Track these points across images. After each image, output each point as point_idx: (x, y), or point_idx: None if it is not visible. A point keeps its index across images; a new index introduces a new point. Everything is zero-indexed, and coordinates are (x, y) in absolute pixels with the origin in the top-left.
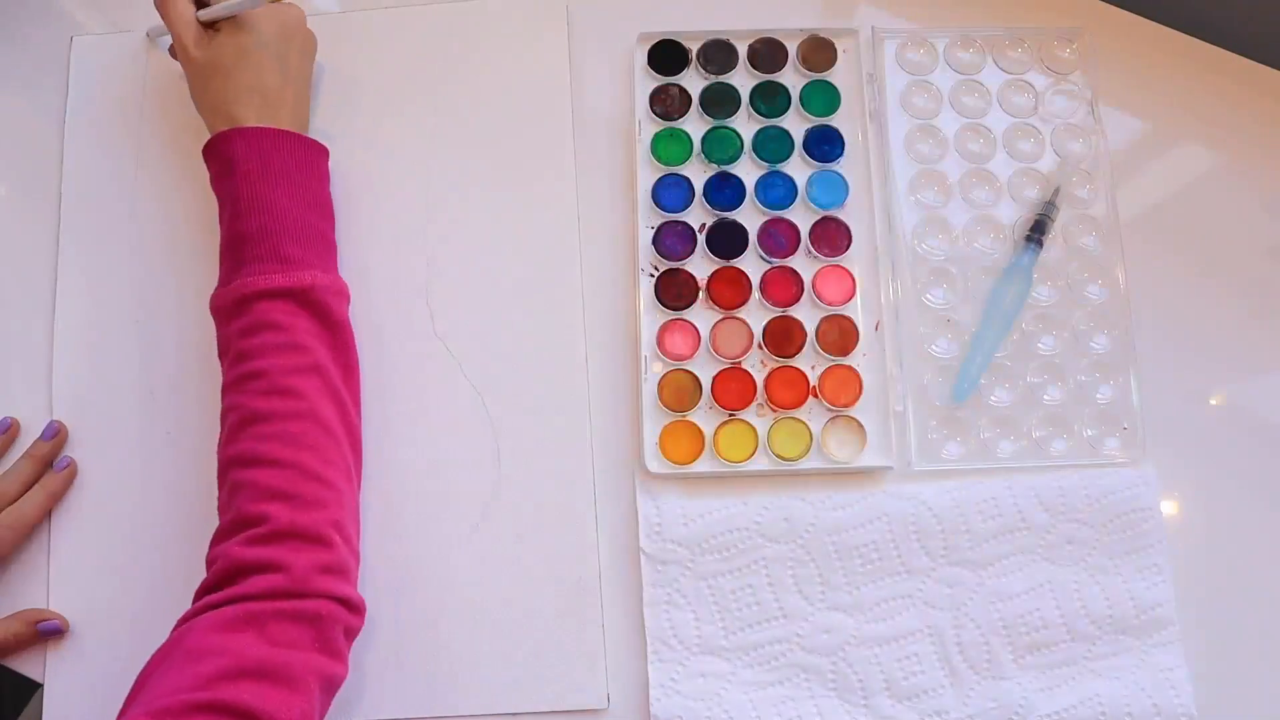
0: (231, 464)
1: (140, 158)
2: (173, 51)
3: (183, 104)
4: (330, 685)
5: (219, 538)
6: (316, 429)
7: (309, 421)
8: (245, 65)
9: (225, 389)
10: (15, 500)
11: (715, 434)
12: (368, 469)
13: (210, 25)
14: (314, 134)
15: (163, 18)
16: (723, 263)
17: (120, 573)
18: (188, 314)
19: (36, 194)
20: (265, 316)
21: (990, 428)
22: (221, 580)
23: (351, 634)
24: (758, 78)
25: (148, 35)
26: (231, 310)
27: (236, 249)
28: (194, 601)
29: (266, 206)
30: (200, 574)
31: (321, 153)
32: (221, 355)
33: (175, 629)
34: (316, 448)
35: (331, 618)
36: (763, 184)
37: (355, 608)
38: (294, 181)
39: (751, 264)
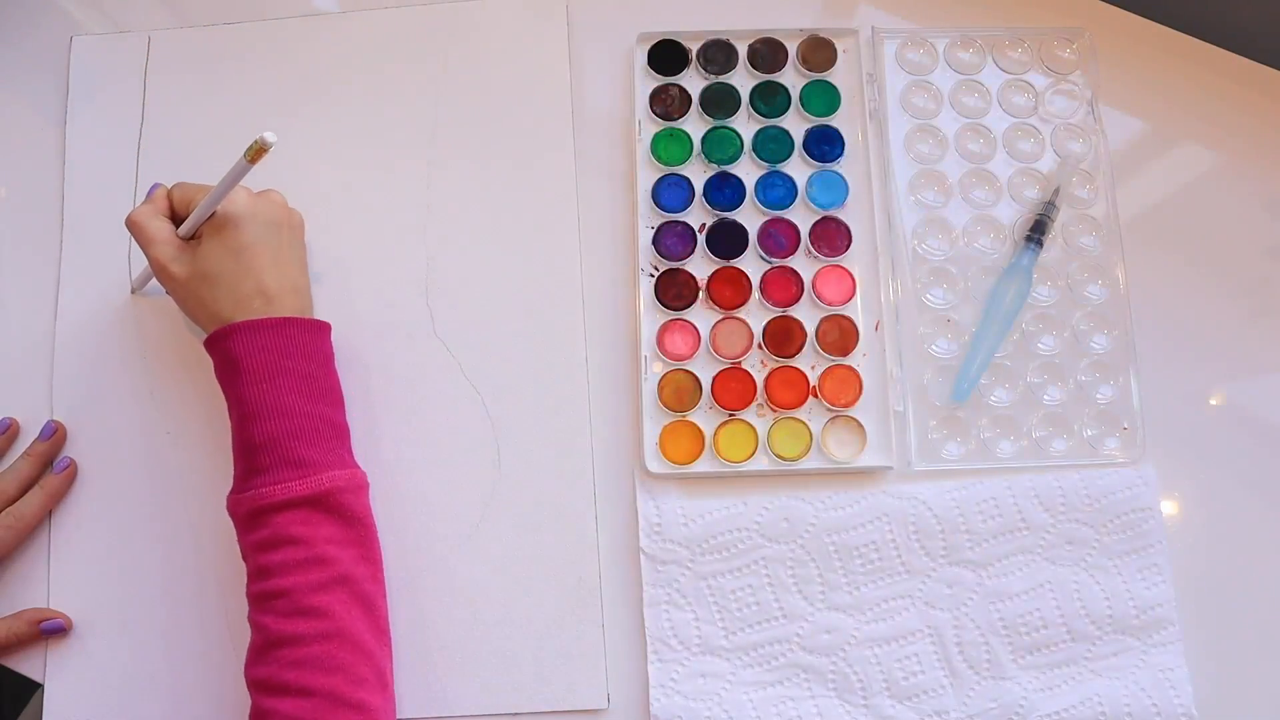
0: (259, 687)
1: (140, 157)
2: (149, 275)
3: (182, 103)
4: None
5: None
6: (346, 647)
7: (337, 642)
8: (238, 267)
9: (248, 598)
10: (15, 500)
11: (715, 434)
12: (367, 468)
13: (190, 236)
14: (309, 136)
15: (139, 241)
16: (723, 263)
17: (120, 573)
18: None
19: (36, 194)
20: (284, 530)
21: (990, 428)
22: None
23: None
24: (758, 78)
25: (132, 293)
26: (248, 521)
27: (248, 455)
28: None
29: (276, 409)
30: (200, 576)
31: (324, 331)
32: (243, 557)
33: None
34: (346, 669)
35: None
36: (763, 184)
37: None
38: (300, 374)
39: (751, 264)
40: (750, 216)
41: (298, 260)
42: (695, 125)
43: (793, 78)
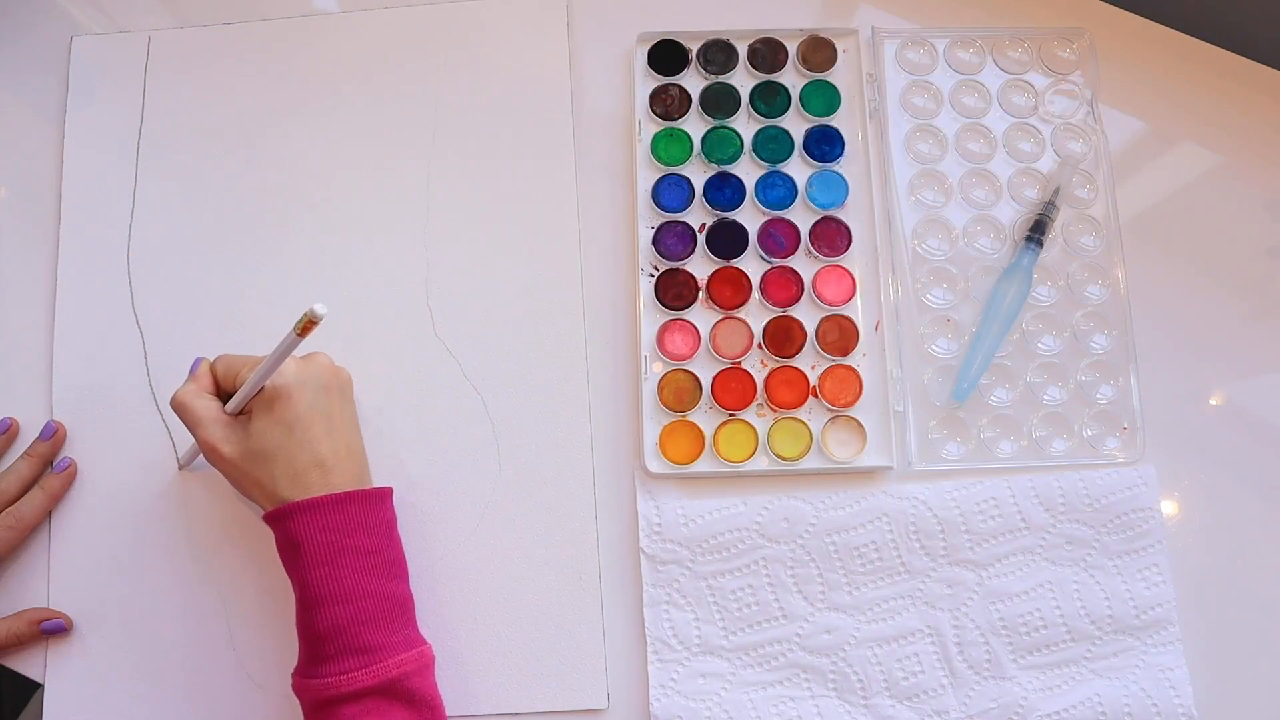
0: None
1: (140, 158)
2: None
3: (183, 104)
4: None
5: None
6: None
7: None
8: (292, 442)
9: None
10: (15, 500)
11: (715, 434)
12: (371, 471)
13: (239, 412)
14: (309, 136)
15: (185, 422)
16: (723, 263)
17: (120, 573)
18: (188, 314)
19: (36, 194)
20: None
21: (990, 428)
22: None
23: None
24: (758, 78)
25: (180, 469)
26: (313, 711)
27: (313, 641)
28: None
29: (339, 595)
30: (200, 576)
31: (386, 499)
32: None
33: None
34: None
35: None
36: (763, 184)
37: None
38: (364, 551)
39: (751, 264)
40: (750, 216)
41: (350, 421)
42: (695, 125)
43: (793, 78)
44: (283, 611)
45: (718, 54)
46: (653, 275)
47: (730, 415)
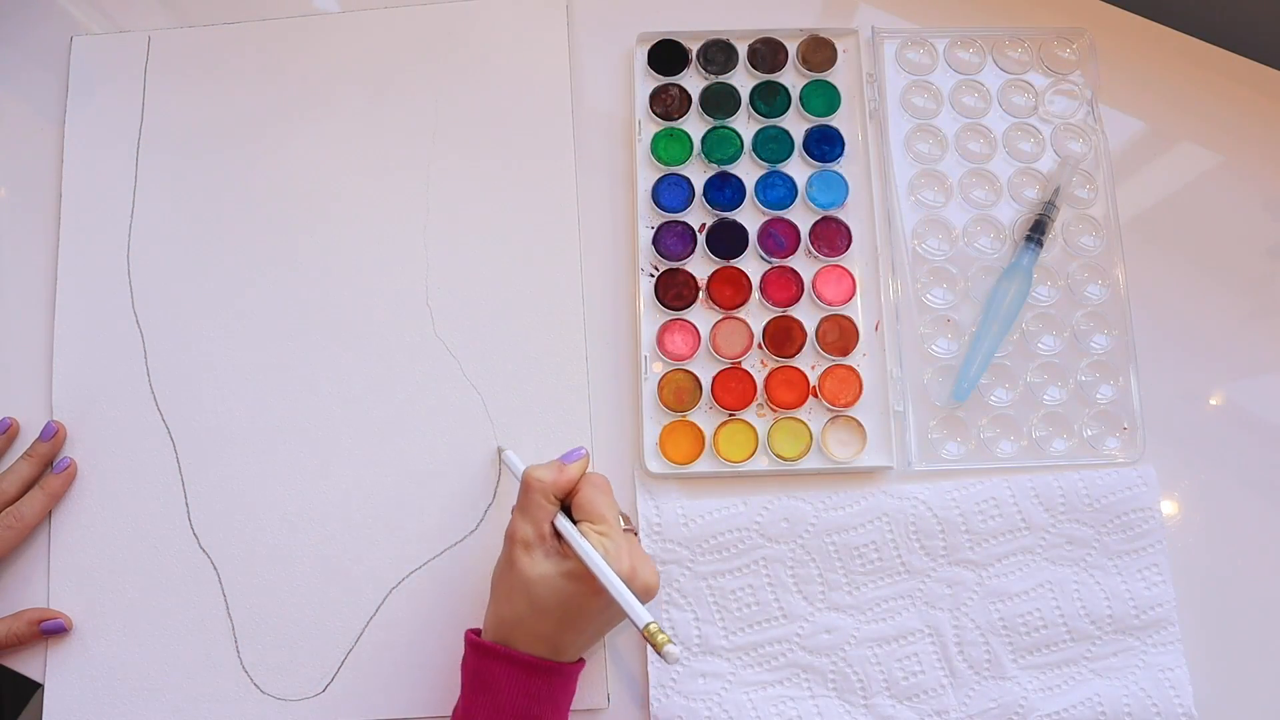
0: None
1: (140, 158)
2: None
3: (183, 104)
4: None
5: None
6: None
7: None
8: (565, 618)
9: None
10: (15, 500)
11: (715, 434)
12: (369, 469)
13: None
14: (309, 136)
15: (521, 499)
16: (723, 263)
17: (120, 573)
18: (188, 314)
19: (36, 194)
20: None
21: (990, 428)
22: None
23: None
24: (758, 78)
25: (501, 453)
26: None
27: None
28: None
29: None
30: (201, 576)
31: (576, 674)
32: None
33: None
34: None
35: None
36: (763, 184)
37: None
38: None
39: (751, 264)
40: (750, 216)
41: (609, 630)
42: (695, 125)
43: (793, 78)
44: (283, 611)
45: (718, 54)
46: (653, 275)
47: (730, 415)
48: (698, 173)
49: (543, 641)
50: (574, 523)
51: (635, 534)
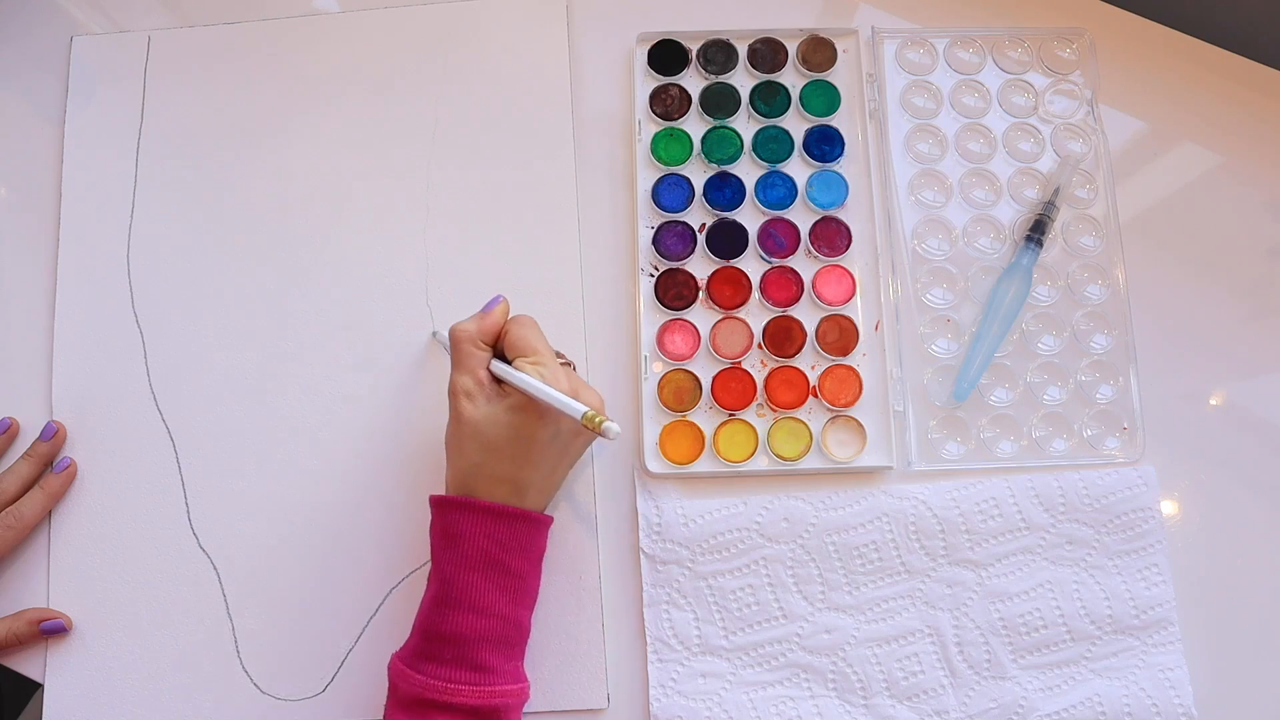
0: None
1: (140, 158)
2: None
3: (183, 104)
4: None
5: None
6: None
7: None
8: (518, 453)
9: None
10: (15, 500)
11: (715, 434)
12: (368, 470)
13: (498, 379)
14: (309, 136)
15: (452, 355)
16: (723, 263)
17: (120, 573)
18: (188, 314)
19: (36, 194)
20: None
21: (990, 428)
22: None
23: None
24: (758, 78)
25: (432, 335)
26: (407, 703)
27: (432, 640)
28: None
29: (476, 604)
30: (201, 576)
31: (545, 526)
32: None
33: None
34: None
35: None
36: (763, 184)
37: None
38: (513, 574)
39: (751, 264)
40: (750, 216)
41: (571, 464)
42: (695, 125)
43: (793, 78)
44: (283, 611)
45: (718, 54)
46: (653, 275)
47: (730, 415)
48: (698, 173)
49: (502, 484)
50: (508, 364)
51: (572, 366)
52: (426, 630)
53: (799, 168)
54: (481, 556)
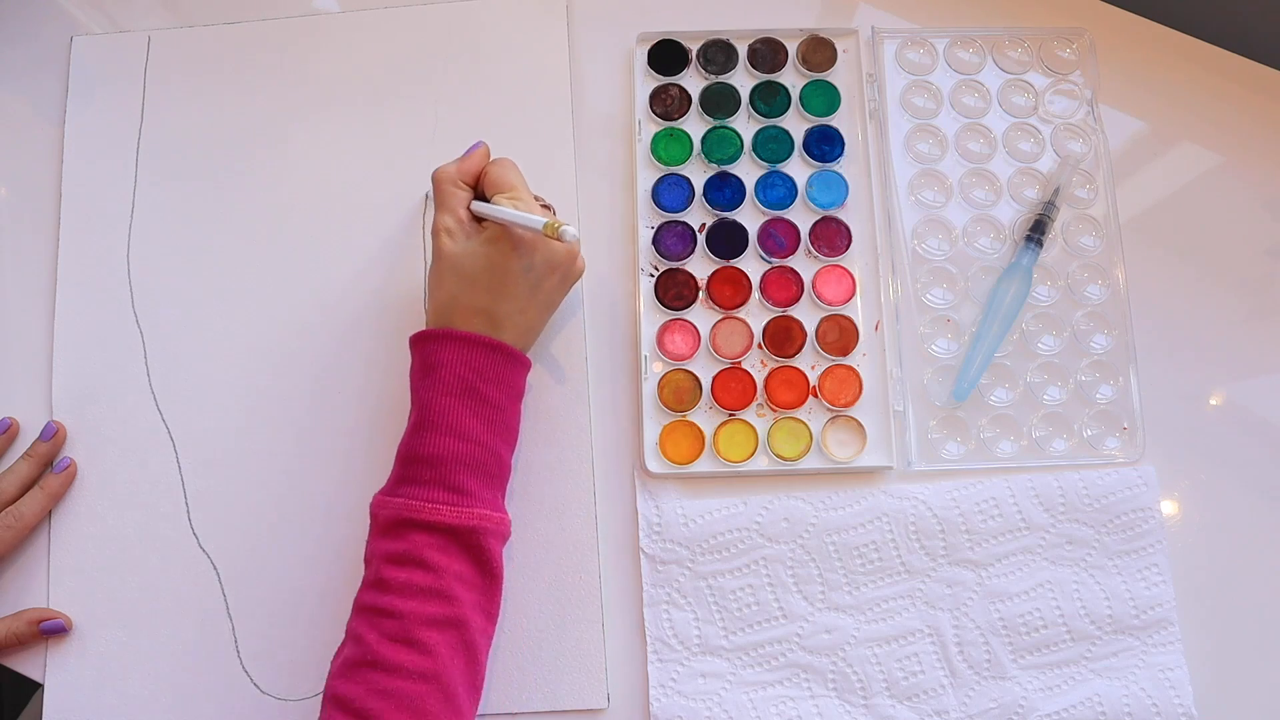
0: (339, 703)
1: (140, 158)
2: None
3: (183, 104)
4: None
5: None
6: (438, 694)
7: (434, 686)
8: (489, 284)
9: (357, 606)
10: (15, 500)
11: (715, 434)
12: (369, 469)
13: (478, 219)
14: (309, 136)
15: (434, 196)
16: (723, 263)
17: (120, 573)
18: (188, 315)
19: (36, 194)
20: (418, 551)
21: (990, 428)
22: None
23: None
24: (758, 78)
25: (426, 197)
26: (388, 528)
27: (411, 463)
28: None
29: (454, 429)
30: (200, 576)
31: (524, 366)
32: (366, 560)
33: None
34: (431, 716)
35: None
36: (763, 184)
37: None
38: (490, 403)
39: (751, 264)
40: (750, 216)
41: (546, 307)
42: (695, 125)
43: (793, 78)
44: (283, 611)
45: (718, 54)
46: (653, 275)
47: (730, 415)
48: (698, 173)
49: (478, 315)
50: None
51: (552, 210)
52: (405, 456)
53: (799, 168)
54: (459, 383)
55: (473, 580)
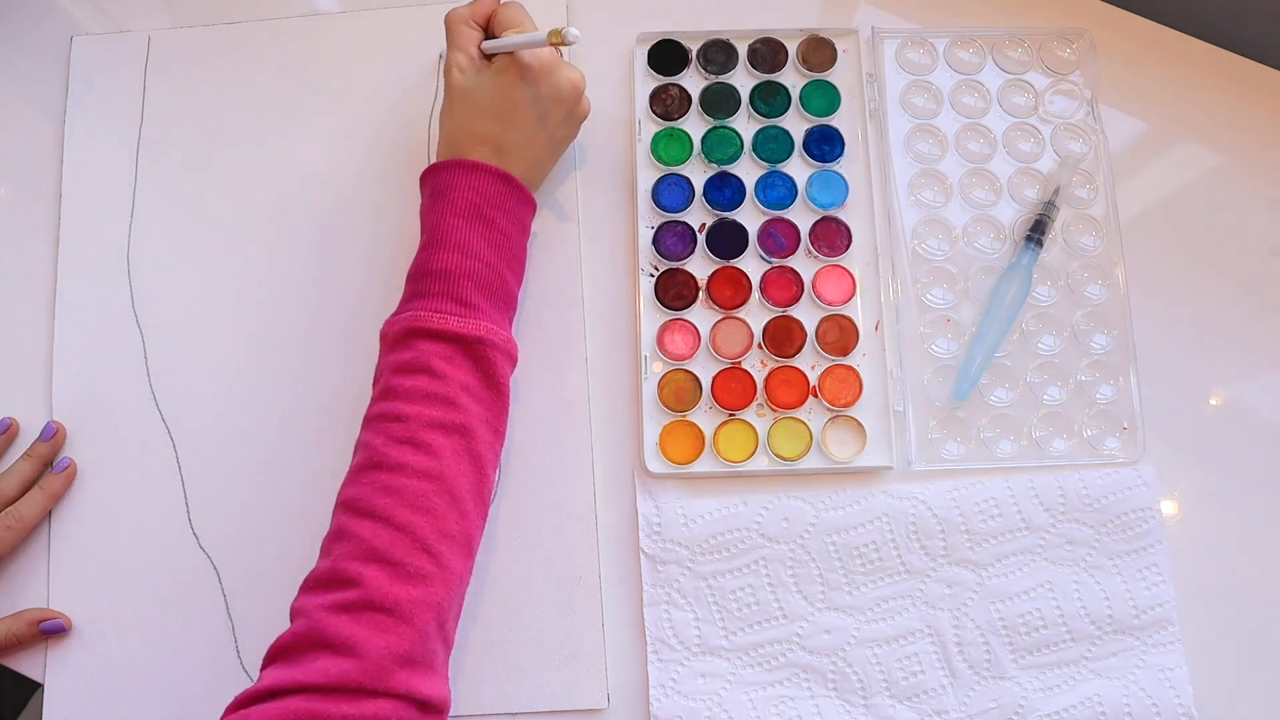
0: (346, 506)
1: (140, 158)
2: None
3: (183, 104)
4: None
5: (310, 586)
6: (443, 494)
7: (437, 483)
8: (500, 112)
9: (365, 421)
10: (15, 500)
11: (715, 434)
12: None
13: (488, 56)
14: (309, 136)
15: (447, 37)
16: (723, 263)
17: (120, 573)
18: (188, 314)
19: (36, 194)
20: (425, 359)
21: (990, 428)
22: (295, 646)
23: None
24: (758, 78)
25: (440, 56)
26: (395, 341)
27: (419, 280)
28: (266, 658)
29: (462, 247)
30: (200, 576)
31: (531, 207)
32: (374, 382)
33: (235, 710)
34: (436, 514)
35: None
36: (763, 184)
37: (432, 708)
38: (498, 229)
39: (751, 264)
40: (750, 216)
41: (553, 143)
42: (695, 125)
43: (793, 78)
44: (283, 611)
45: (718, 54)
46: (653, 275)
47: (730, 415)
48: (698, 173)
49: (487, 144)
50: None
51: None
52: (413, 275)
53: (799, 168)
54: (467, 207)
55: (478, 393)
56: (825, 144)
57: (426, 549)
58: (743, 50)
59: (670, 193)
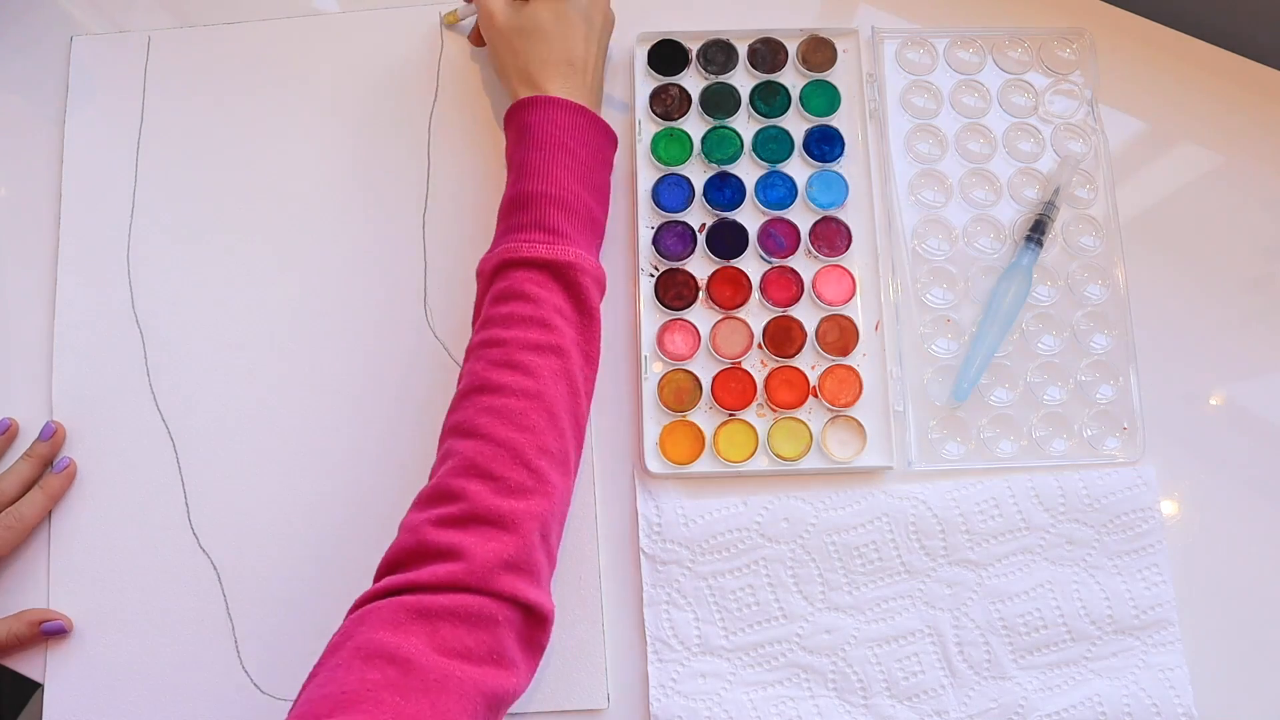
0: (450, 431)
1: (140, 158)
2: (472, 37)
3: (183, 103)
4: (499, 702)
5: (419, 504)
6: (541, 411)
7: (535, 402)
8: (558, 30)
9: (467, 352)
10: (15, 500)
11: (715, 434)
12: (369, 469)
13: None
14: (308, 136)
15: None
16: (723, 263)
17: (120, 573)
18: (188, 313)
19: (36, 194)
20: (519, 286)
21: (990, 428)
22: (404, 559)
23: (533, 644)
24: (758, 78)
25: (449, 26)
26: (490, 274)
27: (510, 214)
28: (378, 571)
29: (548, 175)
30: (200, 576)
31: (611, 140)
32: (474, 318)
33: (354, 611)
34: (535, 430)
35: (507, 624)
36: (763, 184)
37: (537, 615)
38: (580, 160)
39: (751, 264)
40: (750, 216)
41: (603, 46)
42: (695, 125)
43: (793, 78)
44: (283, 611)
45: (718, 54)
46: (653, 275)
47: (730, 415)
48: (698, 173)
49: (558, 66)
50: None
51: None
52: (503, 211)
53: (799, 168)
54: (550, 140)
55: (570, 316)
56: (825, 144)
57: (526, 464)
58: (743, 50)
59: (670, 193)
